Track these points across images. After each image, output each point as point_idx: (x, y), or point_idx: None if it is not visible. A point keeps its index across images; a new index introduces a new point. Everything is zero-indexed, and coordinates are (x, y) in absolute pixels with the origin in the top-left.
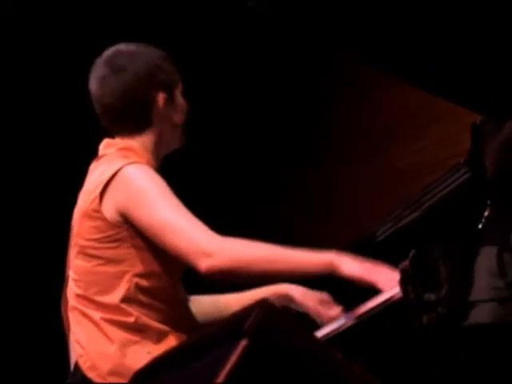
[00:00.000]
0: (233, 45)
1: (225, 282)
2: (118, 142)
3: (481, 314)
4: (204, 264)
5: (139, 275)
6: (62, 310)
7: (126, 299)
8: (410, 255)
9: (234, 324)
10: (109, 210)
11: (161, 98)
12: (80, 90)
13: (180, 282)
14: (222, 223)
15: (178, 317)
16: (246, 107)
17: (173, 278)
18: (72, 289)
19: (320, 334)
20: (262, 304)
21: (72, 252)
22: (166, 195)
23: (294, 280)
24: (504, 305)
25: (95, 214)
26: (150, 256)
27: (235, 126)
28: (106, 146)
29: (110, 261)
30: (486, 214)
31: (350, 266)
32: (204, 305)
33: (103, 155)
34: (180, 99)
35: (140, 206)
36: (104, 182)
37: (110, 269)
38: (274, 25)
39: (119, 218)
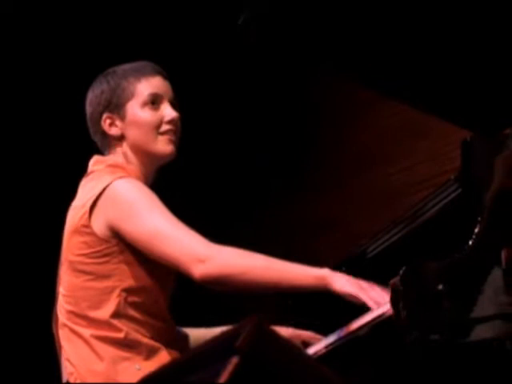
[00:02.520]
0: (222, 65)
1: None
2: (107, 159)
3: (485, 330)
4: (198, 270)
5: (128, 290)
6: (53, 327)
7: (115, 314)
8: (401, 272)
9: (225, 341)
10: (99, 225)
11: (104, 118)
12: (77, 94)
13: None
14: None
15: (169, 332)
16: (237, 127)
17: (163, 293)
18: (62, 305)
19: (311, 351)
20: (253, 321)
21: (62, 268)
22: (157, 206)
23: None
24: (508, 321)
25: (85, 229)
26: (139, 271)
27: (226, 145)
28: (95, 163)
29: (99, 276)
30: (476, 230)
31: (343, 282)
32: (196, 337)
33: (92, 172)
34: (136, 112)
35: (130, 217)
36: (94, 197)
37: (100, 284)
38: (262, 44)
39: (109, 233)
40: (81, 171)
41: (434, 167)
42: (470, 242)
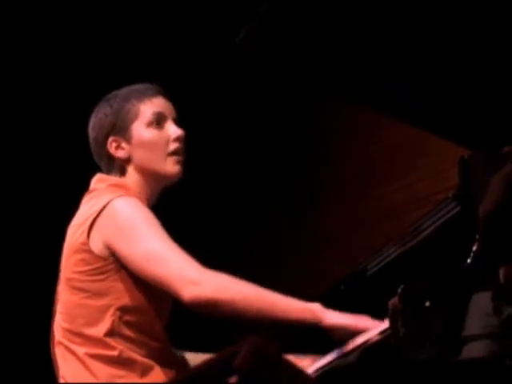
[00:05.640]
0: (219, 84)
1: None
2: (110, 178)
3: (474, 350)
4: (188, 293)
5: (124, 309)
6: (51, 345)
7: (110, 333)
8: (399, 290)
9: (223, 361)
10: (96, 243)
11: (110, 142)
12: (78, 95)
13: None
14: (209, 263)
15: (165, 353)
16: (235, 144)
17: (159, 314)
18: (59, 323)
19: (310, 369)
20: (251, 341)
21: (60, 286)
22: (153, 226)
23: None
24: (497, 341)
25: (83, 246)
26: (135, 290)
27: (223, 164)
28: (98, 181)
29: (95, 294)
30: (474, 248)
31: (336, 316)
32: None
33: (94, 189)
34: (141, 133)
35: (126, 237)
36: (93, 215)
37: (95, 302)
38: (260, 62)
39: (106, 251)
40: (83, 188)
41: (433, 184)
42: (469, 260)
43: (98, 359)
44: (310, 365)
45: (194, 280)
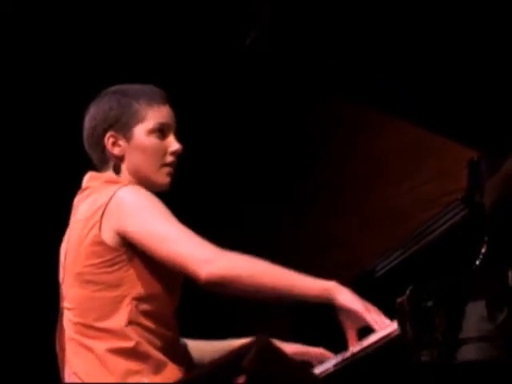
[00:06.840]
0: (220, 84)
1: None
2: (103, 175)
3: (468, 352)
4: (204, 271)
5: (139, 298)
6: (57, 344)
7: (128, 322)
8: (408, 292)
9: (232, 361)
10: (107, 233)
11: (108, 136)
12: (77, 96)
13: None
14: None
15: (177, 342)
16: (237, 144)
17: (172, 301)
18: (69, 319)
19: (318, 370)
20: (260, 341)
21: (66, 282)
22: (162, 211)
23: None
24: (491, 343)
25: (95, 239)
26: (148, 278)
27: (226, 169)
28: (91, 180)
29: (108, 285)
30: (483, 250)
31: (348, 297)
32: (199, 349)
33: (87, 188)
34: (143, 138)
35: (137, 221)
36: (102, 207)
37: (109, 294)
38: (261, 63)
39: (118, 241)
40: (74, 189)
41: (440, 186)
42: (478, 262)
43: (113, 353)
44: (293, 353)
45: (210, 258)
